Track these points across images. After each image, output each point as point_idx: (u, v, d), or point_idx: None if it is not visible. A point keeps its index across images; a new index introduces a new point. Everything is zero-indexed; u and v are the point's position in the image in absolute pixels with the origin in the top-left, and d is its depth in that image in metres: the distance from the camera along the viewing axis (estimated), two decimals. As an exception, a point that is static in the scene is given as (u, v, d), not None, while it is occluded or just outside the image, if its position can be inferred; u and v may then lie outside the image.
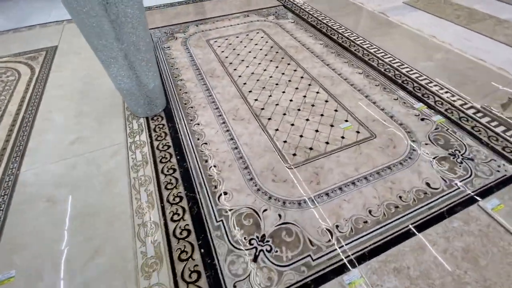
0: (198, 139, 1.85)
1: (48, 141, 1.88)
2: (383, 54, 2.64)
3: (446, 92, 2.16)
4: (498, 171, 1.59)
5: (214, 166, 1.67)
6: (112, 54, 1.57)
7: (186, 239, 1.34)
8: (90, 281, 1.22)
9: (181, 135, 1.88)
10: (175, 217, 1.43)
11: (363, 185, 1.54)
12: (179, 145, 1.81)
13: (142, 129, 1.93)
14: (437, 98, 2.11)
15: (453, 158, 1.67)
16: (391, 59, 2.56)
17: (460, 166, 1.62)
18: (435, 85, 2.23)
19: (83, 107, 2.14)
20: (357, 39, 2.88)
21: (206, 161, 1.71)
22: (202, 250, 1.30)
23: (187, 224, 1.40)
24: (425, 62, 2.50)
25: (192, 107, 2.11)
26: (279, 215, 1.42)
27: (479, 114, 1.95)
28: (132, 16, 1.50)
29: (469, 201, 1.46)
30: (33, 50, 2.87)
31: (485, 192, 1.49)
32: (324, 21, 3.26)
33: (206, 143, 1.82)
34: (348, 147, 1.77)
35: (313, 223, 1.39)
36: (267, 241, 1.32)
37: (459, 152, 1.70)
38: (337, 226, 1.37)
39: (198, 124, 1.96)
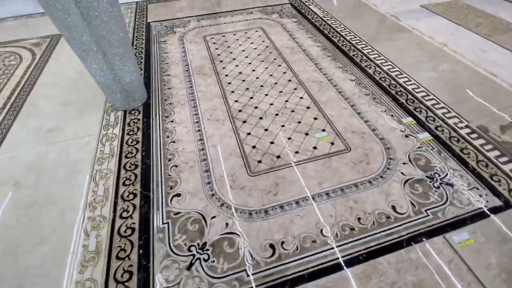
0: (168, 136, 1.84)
1: (29, 126, 1.97)
2: (383, 61, 2.46)
3: (442, 108, 1.97)
4: (478, 201, 1.43)
5: (176, 166, 1.65)
6: (83, 47, 1.59)
7: (128, 238, 1.34)
8: (31, 267, 1.26)
9: (152, 132, 1.88)
10: (124, 214, 1.44)
11: (322, 201, 1.45)
12: (148, 142, 1.81)
13: (118, 122, 1.95)
14: (429, 114, 1.93)
15: (430, 181, 1.52)
16: (390, 67, 2.39)
17: (435, 191, 1.48)
18: (431, 99, 2.05)
19: (70, 96, 2.21)
20: (359, 43, 2.72)
21: (170, 160, 1.69)
22: (141, 251, 1.29)
23: (134, 223, 1.40)
24: (427, 73, 2.30)
25: (171, 104, 2.10)
26: (226, 224, 1.38)
27: (473, 135, 1.76)
28: (101, 10, 1.50)
29: (435, 232, 1.32)
30: (40, 37, 3.01)
31: (456, 224, 1.34)
32: (329, 22, 3.11)
33: (174, 142, 1.80)
34: (317, 158, 1.67)
35: (259, 236, 1.33)
36: (207, 250, 1.29)
37: (439, 175, 1.55)
38: (282, 243, 1.30)
39: (172, 121, 1.95)
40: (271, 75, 2.35)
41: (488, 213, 1.38)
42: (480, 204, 1.42)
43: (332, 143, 1.76)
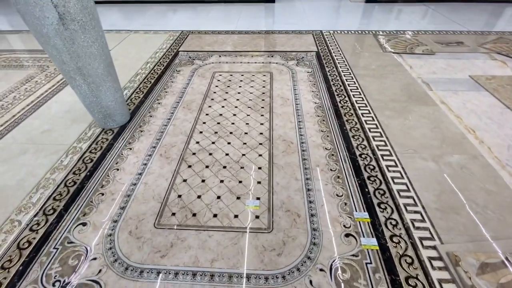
0: (117, 163, 1.95)
1: (34, 125, 2.36)
2: (377, 135, 2.13)
3: (415, 212, 1.56)
4: None
5: (102, 194, 1.73)
6: (65, 68, 1.85)
7: (21, 249, 1.44)
8: None
9: (109, 154, 2.02)
10: (34, 227, 1.55)
11: (201, 282, 1.29)
12: (99, 164, 1.95)
13: (90, 138, 2.17)
14: (394, 216, 1.55)
15: (338, 306, 1.20)
16: (381, 143, 2.05)
17: (336, 322, 1.15)
18: (408, 197, 1.65)
19: (77, 105, 2.58)
20: (361, 108, 2.43)
21: (102, 186, 1.78)
22: (21, 268, 1.36)
23: (34, 238, 1.50)
24: (424, 162, 1.89)
25: (141, 131, 2.24)
26: (100, 270, 1.35)
27: (436, 263, 1.33)
28: (82, 45, 1.74)
29: None
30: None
31: None
32: (344, 78, 2.89)
33: (118, 169, 1.90)
34: (230, 230, 1.51)
35: (118, 296, 1.26)
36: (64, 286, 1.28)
37: (354, 302, 1.21)
38: (131, 314, 1.20)
39: (131, 149, 2.07)
40: (247, 124, 2.29)
41: None
42: None
43: (257, 217, 1.57)
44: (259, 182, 1.78)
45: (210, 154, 2.01)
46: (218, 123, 2.31)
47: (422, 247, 1.40)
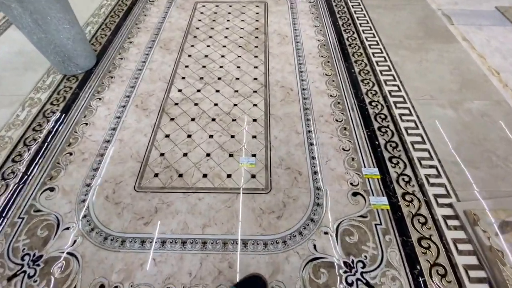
0: (85, 116, 1.64)
1: (-24, 71, 1.94)
2: (389, 78, 1.84)
3: (431, 167, 1.39)
4: (395, 326, 0.99)
5: (70, 154, 1.47)
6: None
7: (-24, 223, 1.24)
8: None
9: (74, 106, 1.69)
10: (-7, 194, 1.33)
11: (192, 251, 1.15)
12: (64, 117, 1.64)
13: (50, 87, 1.81)
14: (406, 171, 1.38)
15: (344, 272, 1.09)
16: (394, 89, 1.77)
17: (342, 285, 1.06)
18: (423, 149, 1.47)
19: (29, 45, 2.11)
20: (372, 46, 2.07)
21: (70, 144, 1.51)
22: (-23, 243, 1.18)
23: (-7, 207, 1.29)
24: (442, 109, 1.65)
25: (112, 77, 1.87)
26: (74, 241, 1.18)
27: (451, 222, 1.21)
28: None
29: None
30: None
31: None
32: (352, 10, 2.43)
33: (87, 124, 1.60)
34: (223, 191, 1.33)
35: (98, 269, 1.11)
36: (37, 265, 1.12)
37: (362, 267, 1.11)
38: (116, 287, 1.07)
39: (100, 99, 1.74)
40: (238, 67, 1.93)
41: None
42: (394, 331, 0.98)
43: (253, 176, 1.38)
44: (254, 137, 1.54)
45: (196, 104, 1.71)
46: (204, 66, 1.94)
47: (437, 205, 1.27)
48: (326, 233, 1.19)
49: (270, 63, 1.95)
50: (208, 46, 2.10)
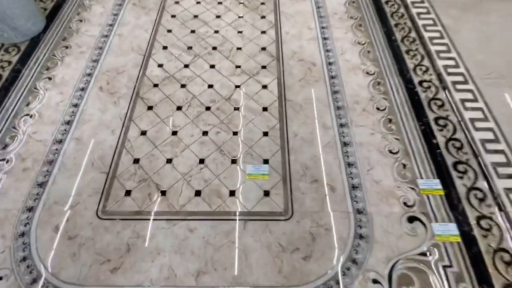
0: (28, 104, 1.18)
1: None
2: (444, 48, 1.37)
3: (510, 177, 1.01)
4: None
5: (6, 161, 1.03)
6: None
7: None
8: None
9: (14, 88, 1.22)
10: None
11: (181, 314, 0.79)
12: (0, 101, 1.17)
13: (-21, 61, 1.31)
14: (479, 182, 0.99)
15: None
16: (451, 64, 1.32)
17: None
18: (500, 152, 1.06)
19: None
20: (416, 4, 1.57)
21: (5, 146, 1.07)
22: None
23: None
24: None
25: (67, 47, 1.37)
26: (8, 301, 0.80)
27: (551, 263, 0.85)
28: None
29: None
30: None
31: None
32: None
33: (31, 116, 1.14)
34: (224, 217, 0.93)
35: None
36: None
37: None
38: None
39: (50, 78, 1.26)
40: (239, 32, 1.43)
41: None
42: None
43: (267, 193, 0.98)
44: (265, 134, 1.11)
45: (183, 86, 1.24)
46: (193, 31, 1.44)
47: (527, 235, 0.90)
48: (376, 281, 0.83)
49: (283, 27, 1.45)
50: (198, 2, 1.56)
